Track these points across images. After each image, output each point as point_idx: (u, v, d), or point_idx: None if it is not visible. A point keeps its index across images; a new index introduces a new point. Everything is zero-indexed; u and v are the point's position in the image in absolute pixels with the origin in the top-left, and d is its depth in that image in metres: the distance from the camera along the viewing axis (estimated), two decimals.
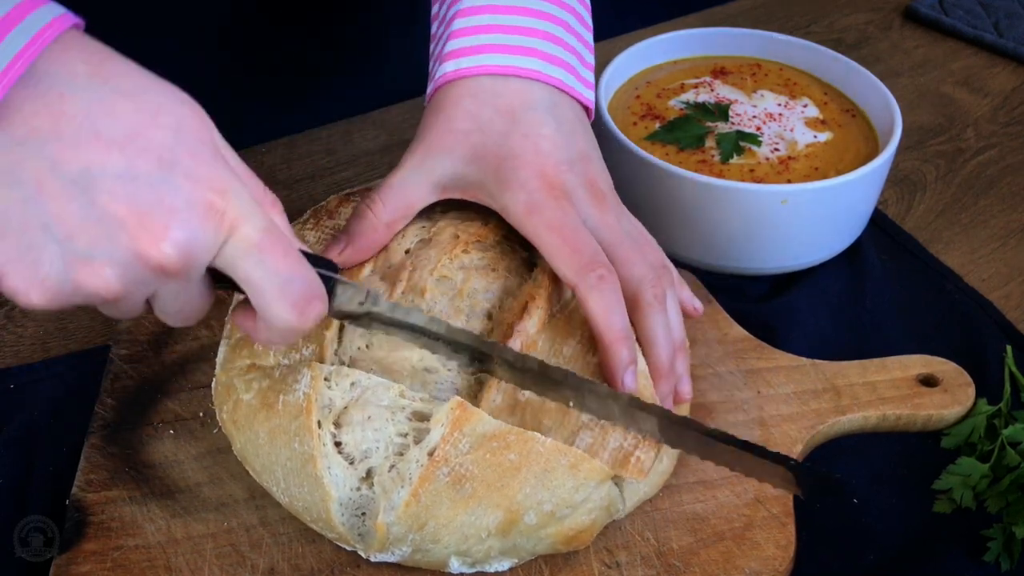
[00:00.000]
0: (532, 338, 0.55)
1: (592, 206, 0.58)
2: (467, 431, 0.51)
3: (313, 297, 0.46)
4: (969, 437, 0.63)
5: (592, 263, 0.54)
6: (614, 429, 0.54)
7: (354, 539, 0.53)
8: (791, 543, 0.56)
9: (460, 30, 0.60)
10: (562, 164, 0.57)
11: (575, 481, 0.52)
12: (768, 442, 0.61)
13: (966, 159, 0.92)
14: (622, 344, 0.54)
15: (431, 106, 0.60)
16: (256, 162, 0.91)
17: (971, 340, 0.72)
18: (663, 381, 0.57)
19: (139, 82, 0.44)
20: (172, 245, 0.41)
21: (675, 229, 0.75)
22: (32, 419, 0.65)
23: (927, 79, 1.04)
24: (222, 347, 0.59)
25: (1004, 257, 0.81)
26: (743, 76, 0.86)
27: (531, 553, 0.54)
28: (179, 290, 0.45)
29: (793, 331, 0.72)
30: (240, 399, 0.55)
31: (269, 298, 0.45)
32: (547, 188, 0.56)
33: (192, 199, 0.42)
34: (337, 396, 0.53)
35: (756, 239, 0.74)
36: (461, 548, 0.52)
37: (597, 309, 0.53)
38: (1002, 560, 0.58)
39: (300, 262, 0.45)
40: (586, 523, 0.53)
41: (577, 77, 0.61)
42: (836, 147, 0.79)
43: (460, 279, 0.57)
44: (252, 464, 0.56)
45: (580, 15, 0.64)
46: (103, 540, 0.56)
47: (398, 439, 0.52)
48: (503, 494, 0.51)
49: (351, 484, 0.52)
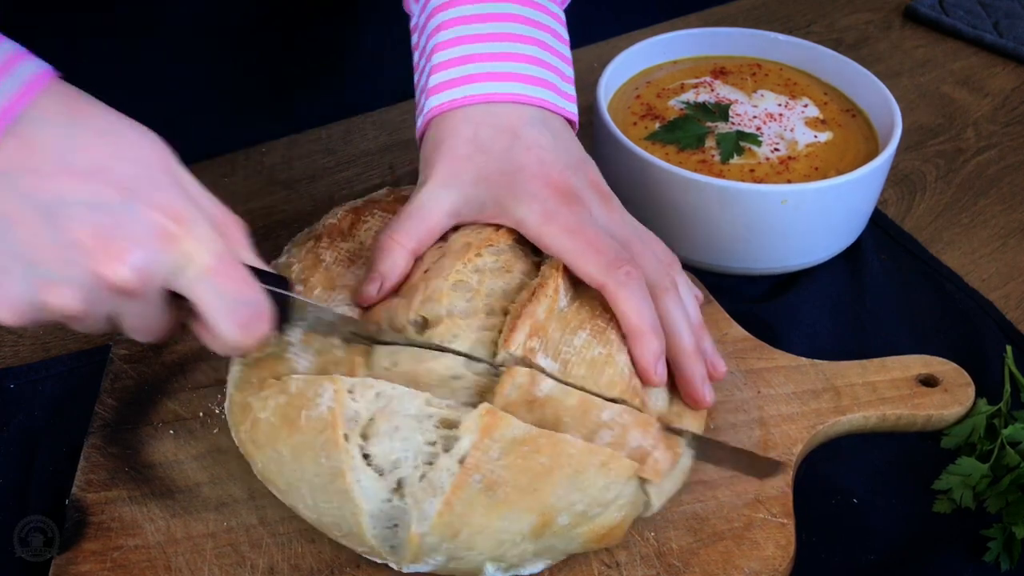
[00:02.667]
0: (542, 323, 0.55)
1: (601, 206, 0.59)
2: (497, 437, 0.51)
3: (257, 318, 0.50)
4: (969, 437, 0.63)
5: (618, 260, 0.55)
6: (634, 428, 0.54)
7: (385, 551, 0.52)
8: (791, 543, 0.56)
9: (443, 63, 0.61)
10: (566, 170, 0.59)
11: (606, 480, 0.52)
12: (768, 442, 0.61)
13: (966, 159, 0.92)
14: (654, 336, 0.55)
15: (429, 141, 0.61)
16: (256, 162, 0.91)
17: (971, 340, 0.72)
18: (696, 363, 0.58)
19: (108, 121, 0.49)
20: (130, 268, 0.45)
21: (675, 229, 0.75)
22: (32, 419, 0.65)
23: (927, 79, 1.04)
24: (235, 366, 0.58)
25: (1004, 257, 0.81)
26: (743, 76, 0.86)
27: (564, 553, 0.54)
28: (140, 310, 0.48)
29: (793, 331, 0.72)
30: (258, 418, 0.54)
31: (218, 317, 0.49)
32: (558, 195, 0.58)
33: (150, 226, 0.46)
34: (362, 408, 0.52)
35: (756, 239, 0.74)
36: (496, 554, 0.52)
37: (628, 305, 0.55)
38: (1002, 560, 0.58)
39: (249, 285, 0.49)
40: (617, 520, 0.53)
41: (559, 93, 0.63)
42: (836, 147, 0.79)
43: (475, 281, 0.57)
44: (276, 483, 0.55)
45: (555, 31, 0.65)
46: (103, 540, 0.56)
47: (427, 448, 0.52)
48: (536, 498, 0.51)
49: (382, 496, 0.52)
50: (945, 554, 0.59)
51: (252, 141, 0.92)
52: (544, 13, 0.65)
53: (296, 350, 0.56)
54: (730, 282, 0.77)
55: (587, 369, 0.55)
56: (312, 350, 0.56)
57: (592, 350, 0.55)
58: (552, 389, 0.54)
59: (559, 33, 0.65)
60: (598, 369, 0.55)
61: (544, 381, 0.54)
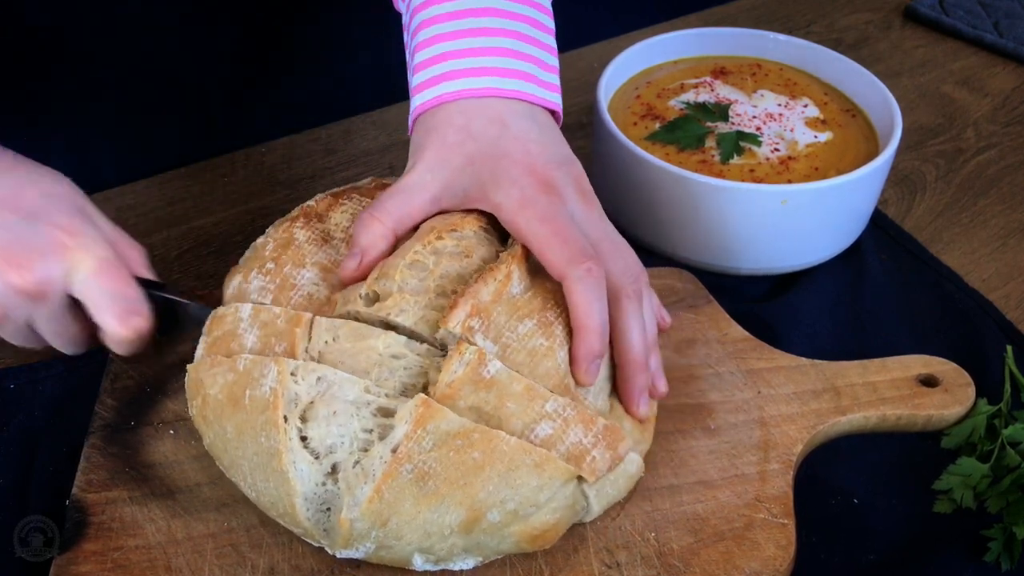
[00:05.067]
0: (485, 305, 0.55)
1: (579, 203, 0.59)
2: (431, 428, 0.51)
3: (134, 312, 0.58)
4: (969, 437, 0.63)
5: (582, 255, 0.55)
6: (577, 423, 0.54)
7: (319, 534, 0.53)
8: (791, 543, 0.56)
9: (422, 62, 0.62)
10: (551, 163, 0.59)
11: (539, 480, 0.52)
12: (768, 442, 0.61)
13: (966, 159, 0.92)
14: (597, 336, 0.55)
15: (420, 129, 0.61)
16: (256, 162, 0.91)
17: (971, 340, 0.72)
18: (639, 373, 0.57)
19: (24, 165, 0.61)
20: (32, 274, 0.56)
21: (675, 229, 0.75)
22: (32, 419, 0.65)
23: (927, 79, 1.04)
24: (200, 344, 0.59)
25: (1004, 257, 0.81)
26: (743, 76, 0.86)
27: (496, 552, 0.54)
28: (48, 314, 0.58)
29: (793, 331, 0.72)
30: (208, 394, 0.55)
31: (100, 311, 0.58)
32: (539, 184, 0.58)
33: (50, 240, 0.57)
34: (303, 391, 0.53)
35: (756, 239, 0.74)
36: (424, 545, 0.52)
37: (581, 299, 0.55)
38: (1002, 560, 0.58)
39: (127, 284, 0.58)
40: (550, 522, 0.53)
41: (540, 84, 0.63)
42: (836, 147, 0.79)
43: (432, 262, 0.57)
44: (221, 459, 0.56)
45: (535, 20, 0.65)
46: (103, 540, 0.56)
47: (363, 435, 0.52)
48: (466, 492, 0.51)
49: (316, 479, 0.52)
50: (945, 554, 0.59)
51: (252, 141, 0.92)
52: (523, 3, 0.65)
53: (245, 325, 0.56)
54: (730, 282, 0.77)
55: (526, 357, 0.54)
56: (259, 323, 0.56)
57: (534, 340, 0.55)
58: (499, 372, 0.53)
59: (539, 22, 0.65)
60: (537, 359, 0.55)
61: (492, 363, 0.53)
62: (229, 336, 0.57)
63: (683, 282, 0.73)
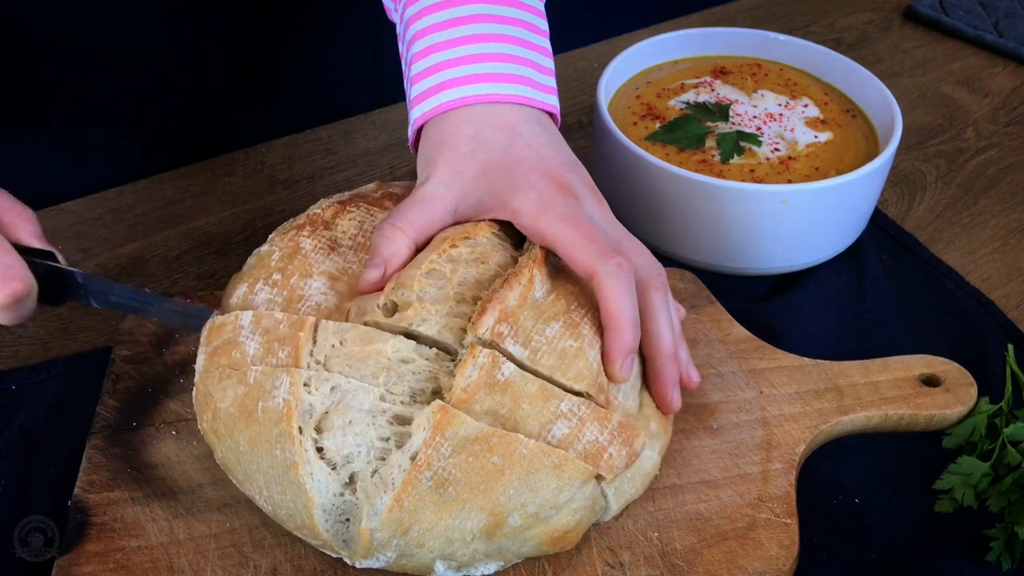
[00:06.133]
0: (512, 310, 0.54)
1: (594, 204, 0.60)
2: (449, 435, 0.51)
3: (11, 278, 0.55)
4: (970, 436, 0.63)
5: (611, 250, 0.56)
6: (592, 421, 0.53)
7: (338, 545, 0.53)
8: (794, 543, 0.56)
9: (419, 73, 0.62)
10: (564, 166, 0.60)
11: (559, 482, 0.52)
12: (771, 442, 0.61)
13: (966, 159, 0.93)
14: (631, 331, 0.55)
15: (429, 141, 0.61)
16: (256, 162, 0.91)
17: (972, 339, 0.72)
18: (670, 365, 0.58)
19: None
20: None
21: (675, 229, 0.75)
22: (33, 420, 0.65)
23: (927, 79, 1.04)
24: (200, 355, 0.58)
25: (1004, 257, 0.81)
26: (743, 76, 0.86)
27: (517, 555, 0.54)
28: None
29: (795, 331, 0.72)
30: (219, 408, 0.55)
31: None
32: (555, 186, 0.58)
33: None
34: (317, 401, 0.52)
35: (756, 239, 0.74)
36: (446, 552, 0.52)
37: (614, 294, 0.55)
38: (1003, 560, 0.58)
39: (6, 252, 0.55)
40: (571, 523, 0.53)
41: (536, 87, 0.63)
42: (836, 147, 0.79)
43: (449, 270, 0.57)
44: (234, 473, 0.55)
45: (529, 23, 0.65)
46: (105, 541, 0.56)
47: (380, 443, 0.52)
48: (487, 497, 0.51)
49: (334, 490, 0.52)
50: (947, 553, 0.59)
51: (252, 141, 0.92)
52: (515, 8, 0.65)
53: (246, 333, 0.56)
54: (731, 282, 0.77)
55: (556, 359, 0.54)
56: (260, 329, 0.56)
57: (563, 342, 0.55)
58: (513, 375, 0.53)
59: (533, 25, 0.65)
60: (567, 361, 0.54)
61: (505, 365, 0.53)
62: (230, 344, 0.56)
63: (684, 282, 0.73)
